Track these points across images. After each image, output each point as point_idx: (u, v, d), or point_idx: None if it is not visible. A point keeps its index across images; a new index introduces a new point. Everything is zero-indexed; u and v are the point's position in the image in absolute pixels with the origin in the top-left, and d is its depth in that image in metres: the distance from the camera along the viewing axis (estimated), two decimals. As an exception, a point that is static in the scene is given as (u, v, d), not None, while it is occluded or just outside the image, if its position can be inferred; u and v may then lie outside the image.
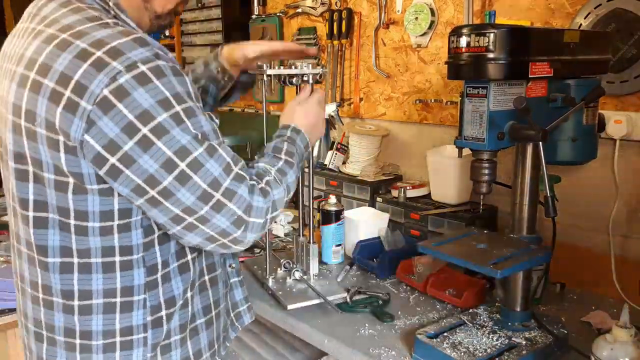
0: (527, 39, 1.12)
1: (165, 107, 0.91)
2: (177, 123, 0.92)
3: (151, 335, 1.06)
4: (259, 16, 2.65)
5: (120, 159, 0.90)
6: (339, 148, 2.20)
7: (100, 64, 0.88)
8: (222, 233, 0.99)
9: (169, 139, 0.91)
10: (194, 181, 0.94)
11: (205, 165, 0.95)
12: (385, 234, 1.75)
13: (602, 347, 0.99)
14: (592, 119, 1.25)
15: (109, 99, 0.87)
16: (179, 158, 0.92)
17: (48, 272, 1.01)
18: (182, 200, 0.94)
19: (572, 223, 1.63)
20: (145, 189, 0.93)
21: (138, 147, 0.90)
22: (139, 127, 0.89)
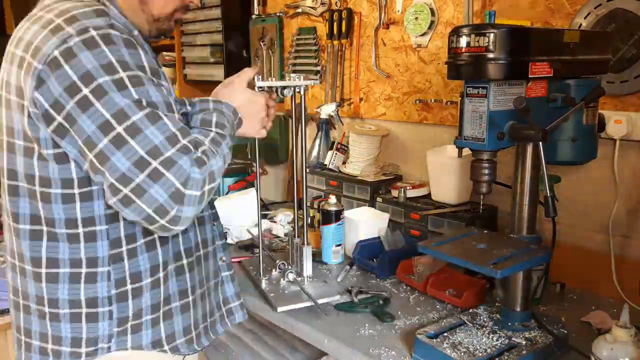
0: (527, 39, 1.12)
1: (108, 70, 0.93)
2: (119, 88, 0.93)
3: (116, 309, 1.08)
4: (259, 16, 2.65)
5: (65, 117, 0.94)
6: (339, 148, 2.20)
7: (56, 29, 0.94)
8: (159, 210, 0.94)
9: (107, 100, 0.92)
10: (130, 145, 0.92)
11: (145, 131, 0.93)
12: (385, 234, 1.75)
13: (602, 347, 0.99)
14: (592, 119, 1.25)
15: (58, 59, 0.92)
16: (116, 120, 0.92)
17: (19, 239, 1.06)
18: (117, 166, 0.92)
19: (572, 223, 1.63)
20: (85, 152, 0.95)
21: (78, 107, 0.93)
22: (80, 88, 0.92)
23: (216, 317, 1.29)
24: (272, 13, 2.61)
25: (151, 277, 1.11)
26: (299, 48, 2.49)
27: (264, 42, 2.63)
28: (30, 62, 0.94)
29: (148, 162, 0.93)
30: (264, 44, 2.63)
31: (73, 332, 1.07)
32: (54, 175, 1.00)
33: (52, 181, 1.01)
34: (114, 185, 0.94)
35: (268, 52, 2.63)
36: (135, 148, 0.92)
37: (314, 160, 2.26)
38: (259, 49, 2.67)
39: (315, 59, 2.41)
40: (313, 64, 2.43)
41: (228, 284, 1.32)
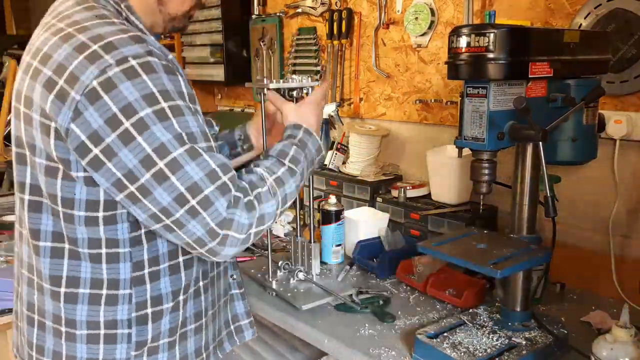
0: (527, 39, 1.12)
1: (149, 102, 0.91)
2: (160, 119, 0.92)
3: (135, 332, 1.06)
4: (259, 16, 2.65)
5: (103, 150, 0.91)
6: (339, 148, 2.20)
7: (94, 57, 0.91)
8: (198, 241, 0.96)
9: (149, 135, 0.91)
10: (171, 182, 0.92)
11: (185, 167, 0.93)
12: (385, 234, 1.75)
13: (602, 347, 0.99)
14: (592, 119, 1.25)
15: (97, 90, 0.89)
16: (158, 156, 0.92)
17: (39, 256, 1.03)
18: (159, 200, 0.93)
19: (572, 223, 1.63)
20: (124, 183, 0.93)
21: (119, 140, 0.90)
22: (121, 120, 0.90)
23: (223, 336, 1.27)
24: (272, 13, 2.61)
25: (172, 301, 1.09)
26: (299, 48, 2.49)
27: (264, 42, 2.63)
28: (67, 91, 0.90)
29: (187, 199, 0.93)
30: (264, 44, 2.63)
31: (89, 353, 1.05)
32: (80, 196, 0.98)
33: (75, 202, 0.99)
34: (157, 215, 0.95)
35: (268, 52, 2.63)
36: (175, 184, 0.93)
37: (314, 160, 2.25)
38: (259, 49, 2.67)
39: (315, 59, 2.41)
40: (313, 64, 2.43)
41: (238, 302, 1.30)
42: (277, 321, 1.44)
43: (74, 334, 1.04)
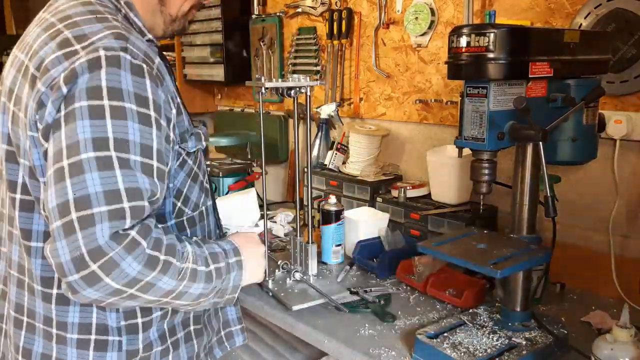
0: (527, 39, 1.12)
1: (91, 94, 0.87)
2: (92, 116, 0.85)
3: (126, 341, 1.03)
4: (259, 16, 2.65)
5: (43, 134, 0.90)
6: (339, 148, 2.20)
7: (71, 54, 0.90)
8: (58, 268, 0.85)
9: (71, 128, 0.86)
10: (64, 184, 0.85)
11: (85, 174, 0.84)
12: (385, 234, 1.75)
13: (602, 347, 0.99)
14: (592, 119, 1.25)
15: (59, 83, 0.88)
16: (67, 152, 0.86)
17: (30, 257, 1.01)
18: (49, 200, 0.86)
19: (572, 223, 1.63)
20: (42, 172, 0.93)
21: (53, 129, 0.88)
22: (60, 108, 0.88)
23: (213, 342, 1.26)
24: (272, 13, 2.61)
25: (161, 311, 1.08)
26: (299, 48, 2.49)
27: (264, 42, 2.63)
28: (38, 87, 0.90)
29: (68, 210, 0.84)
30: (264, 43, 2.63)
31: (79, 357, 1.02)
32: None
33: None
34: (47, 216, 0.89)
35: (268, 52, 2.63)
36: (67, 188, 0.84)
37: (314, 160, 2.26)
38: (259, 49, 2.67)
39: (315, 59, 2.41)
40: (313, 64, 2.43)
41: (230, 308, 1.28)
42: (276, 321, 1.44)
43: (64, 337, 1.02)
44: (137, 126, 0.88)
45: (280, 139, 2.59)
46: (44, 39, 0.94)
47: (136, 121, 0.88)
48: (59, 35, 0.93)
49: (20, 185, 1.00)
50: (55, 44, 0.92)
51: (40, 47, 0.94)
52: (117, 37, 0.91)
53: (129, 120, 0.87)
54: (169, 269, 0.91)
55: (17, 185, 1.00)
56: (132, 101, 0.88)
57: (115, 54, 0.88)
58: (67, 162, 0.85)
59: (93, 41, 0.90)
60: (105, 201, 0.84)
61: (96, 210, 0.84)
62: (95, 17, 0.95)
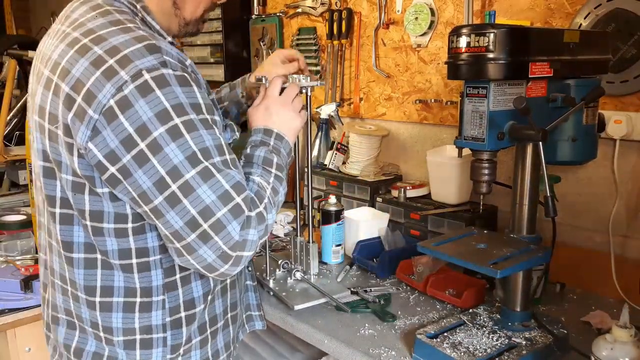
0: (527, 39, 1.12)
1: (162, 120, 0.90)
2: (174, 138, 0.91)
3: (170, 337, 1.08)
4: (259, 16, 2.65)
5: (119, 170, 0.92)
6: (339, 148, 2.20)
7: (110, 73, 0.90)
8: (209, 267, 0.96)
9: (163, 156, 0.90)
10: (183, 205, 0.92)
11: (197, 190, 0.92)
12: (385, 234, 1.75)
13: (602, 347, 0.99)
14: (592, 119, 1.25)
15: (114, 109, 0.89)
16: (171, 178, 0.91)
17: (73, 267, 1.04)
18: (171, 223, 0.93)
19: (572, 223, 1.63)
20: (140, 203, 0.94)
21: (134, 161, 0.91)
22: (136, 141, 0.90)
23: (237, 324, 1.28)
24: (272, 13, 2.61)
25: (203, 303, 1.12)
26: (299, 48, 2.48)
27: (264, 42, 2.63)
28: (84, 109, 0.90)
29: (199, 223, 0.92)
30: (264, 44, 2.63)
31: (128, 357, 1.07)
32: (108, 209, 0.99)
33: (104, 215, 0.99)
34: (169, 237, 0.95)
35: (268, 52, 2.63)
36: (187, 208, 0.92)
37: (314, 160, 2.26)
38: (259, 49, 2.67)
39: (315, 59, 2.41)
40: (313, 64, 2.43)
41: (251, 293, 1.35)
42: (277, 321, 1.44)
43: (112, 340, 1.06)
44: (204, 132, 0.95)
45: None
46: (73, 55, 0.93)
47: (203, 128, 0.95)
48: (88, 51, 0.92)
49: (59, 200, 1.02)
50: (88, 62, 0.91)
51: (70, 64, 0.93)
52: (151, 50, 0.92)
53: (200, 130, 0.94)
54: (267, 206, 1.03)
55: (55, 200, 1.02)
56: (192, 111, 0.93)
57: (159, 73, 0.91)
58: (175, 186, 0.91)
59: (129, 59, 0.90)
60: (223, 204, 0.94)
61: (220, 215, 0.93)
62: (119, 28, 0.95)
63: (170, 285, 1.06)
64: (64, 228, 1.03)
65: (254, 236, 0.98)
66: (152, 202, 0.93)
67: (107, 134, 0.90)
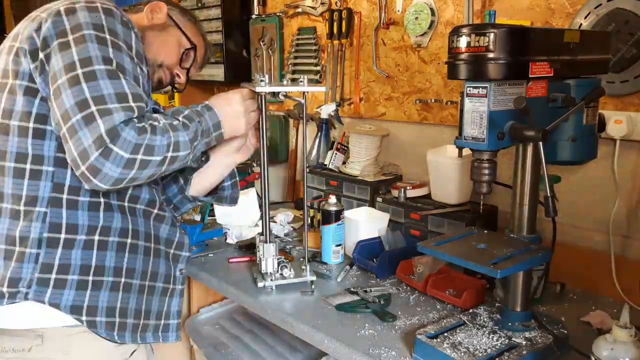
0: (527, 39, 1.12)
1: (96, 28, 1.06)
2: (99, 42, 1.05)
3: (44, 254, 1.09)
4: (258, 16, 2.65)
5: (46, 55, 1.06)
6: (339, 148, 2.20)
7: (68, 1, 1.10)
8: (82, 154, 0.99)
9: (83, 47, 1.04)
10: (81, 87, 1.00)
11: (99, 80, 1.01)
12: (385, 234, 1.75)
13: (602, 347, 0.99)
14: (592, 119, 1.25)
15: (60, 11, 1.08)
16: (81, 64, 1.02)
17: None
18: (64, 102, 1.01)
19: (572, 223, 1.63)
20: (48, 83, 1.05)
21: (58, 47, 1.04)
22: (67, 33, 1.05)
23: (150, 324, 1.25)
24: (272, 13, 2.61)
25: (86, 236, 1.12)
26: (299, 48, 2.49)
27: (264, 42, 2.63)
28: (40, 17, 1.09)
29: (88, 105, 0.99)
30: (264, 43, 2.63)
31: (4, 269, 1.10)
32: (16, 107, 1.09)
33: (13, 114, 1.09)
34: (59, 122, 1.02)
35: (268, 52, 2.63)
36: (84, 90, 1.00)
37: (314, 160, 2.26)
38: (258, 49, 2.67)
39: (315, 58, 2.41)
40: (313, 64, 2.43)
41: (176, 299, 1.30)
42: (277, 321, 1.44)
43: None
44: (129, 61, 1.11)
45: (280, 139, 2.59)
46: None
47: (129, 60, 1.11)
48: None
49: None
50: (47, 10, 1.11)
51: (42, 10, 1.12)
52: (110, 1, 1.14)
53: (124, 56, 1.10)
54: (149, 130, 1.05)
55: None
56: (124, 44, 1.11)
57: (108, 7, 1.11)
58: (80, 70, 1.01)
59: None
60: (118, 101, 1.02)
61: (112, 106, 1.01)
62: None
63: (55, 200, 1.10)
64: None
65: (130, 137, 1.01)
66: (56, 82, 1.02)
67: (47, 25, 1.07)
